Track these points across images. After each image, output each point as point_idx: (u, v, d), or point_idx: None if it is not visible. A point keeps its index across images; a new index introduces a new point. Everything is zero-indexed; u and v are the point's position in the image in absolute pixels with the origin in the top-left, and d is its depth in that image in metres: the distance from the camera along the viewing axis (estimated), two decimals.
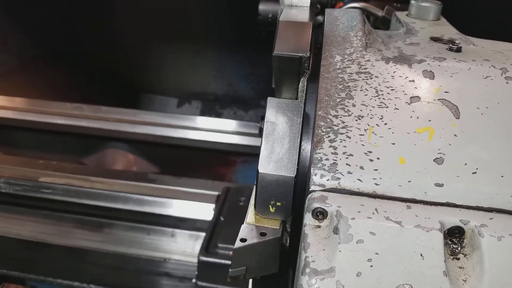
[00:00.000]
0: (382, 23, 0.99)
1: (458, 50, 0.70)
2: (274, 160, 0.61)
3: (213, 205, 1.29)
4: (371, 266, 0.47)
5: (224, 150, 1.66)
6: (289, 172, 0.60)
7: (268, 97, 0.61)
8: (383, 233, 0.49)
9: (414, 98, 0.61)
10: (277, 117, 0.62)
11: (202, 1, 2.31)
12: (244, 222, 0.64)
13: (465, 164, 0.55)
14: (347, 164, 0.55)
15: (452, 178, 0.54)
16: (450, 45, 0.71)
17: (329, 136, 0.57)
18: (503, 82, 0.63)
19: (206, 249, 1.10)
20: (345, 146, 0.56)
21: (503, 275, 0.47)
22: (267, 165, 0.60)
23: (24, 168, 1.37)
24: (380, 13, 1.01)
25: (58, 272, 1.32)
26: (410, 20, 0.85)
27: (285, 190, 0.61)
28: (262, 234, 0.61)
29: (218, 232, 1.16)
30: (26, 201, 1.30)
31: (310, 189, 0.54)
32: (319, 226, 0.52)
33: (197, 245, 1.21)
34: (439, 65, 0.65)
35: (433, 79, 0.63)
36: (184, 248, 1.28)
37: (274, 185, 0.61)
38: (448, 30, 0.82)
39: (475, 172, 0.54)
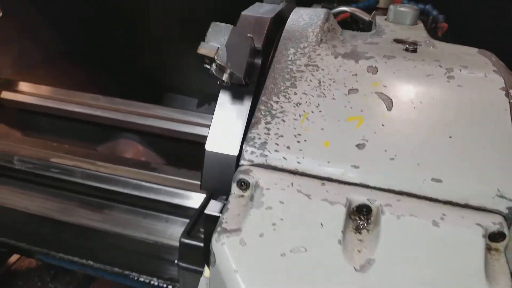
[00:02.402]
0: (368, 27, 1.06)
1: (414, 50, 0.76)
2: (220, 140, 0.69)
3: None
4: (274, 229, 0.55)
5: None
6: (232, 151, 0.68)
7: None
8: (291, 203, 0.56)
9: (353, 90, 0.68)
10: (228, 101, 0.71)
11: (226, 3, 2.44)
12: (202, 275, 0.81)
13: (385, 151, 0.61)
14: (276, 143, 0.63)
15: (369, 162, 0.60)
16: (407, 46, 0.77)
17: (266, 119, 0.65)
18: (444, 80, 0.69)
19: (188, 232, 1.19)
20: (278, 128, 0.64)
21: (392, 249, 0.53)
22: (213, 144, 0.69)
23: (38, 149, 1.52)
24: (367, 18, 1.08)
25: (60, 247, 1.45)
26: (384, 24, 0.92)
27: (227, 168, 0.69)
28: None
29: (202, 219, 1.25)
30: (36, 179, 1.44)
31: (240, 163, 0.63)
32: (242, 196, 0.60)
33: None
34: (385, 62, 0.71)
35: (375, 74, 0.70)
36: (176, 233, 1.38)
37: (219, 163, 0.69)
38: (417, 34, 0.87)
39: (393, 159, 0.60)
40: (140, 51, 2.61)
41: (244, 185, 0.60)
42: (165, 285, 1.46)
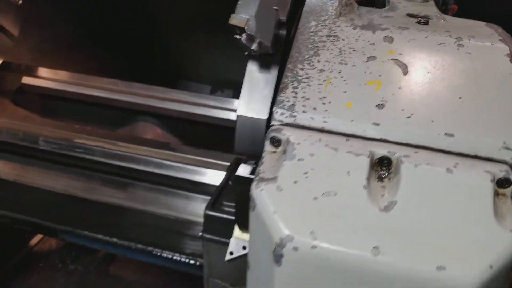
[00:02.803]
0: (381, 5, 1.12)
1: (426, 23, 0.83)
2: (250, 106, 0.77)
3: (224, 173, 1.45)
4: (306, 177, 0.62)
5: None
6: (262, 115, 0.76)
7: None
8: (320, 155, 0.64)
9: (371, 58, 0.75)
10: (257, 70, 0.78)
11: None
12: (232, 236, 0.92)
13: (402, 110, 0.68)
14: (303, 105, 0.70)
15: (388, 120, 0.67)
16: (419, 19, 0.84)
17: (293, 84, 0.73)
18: (454, 48, 0.76)
19: (213, 205, 1.26)
20: (304, 92, 0.72)
21: (412, 192, 0.60)
22: (244, 110, 0.77)
23: (61, 131, 1.60)
24: None
25: (85, 225, 1.53)
26: (397, 1, 0.98)
27: (258, 131, 0.76)
28: (244, 248, 0.89)
29: (225, 193, 1.32)
30: (61, 159, 1.52)
31: (271, 124, 0.70)
32: (274, 152, 0.68)
33: None
34: (400, 33, 0.79)
35: (391, 43, 0.77)
36: (196, 209, 1.46)
37: (250, 126, 0.77)
38: (429, 10, 0.94)
39: (410, 117, 0.67)
40: (151, 38, 2.69)
41: (276, 142, 0.68)
42: (186, 260, 1.53)
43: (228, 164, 1.53)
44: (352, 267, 0.57)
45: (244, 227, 0.91)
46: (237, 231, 0.92)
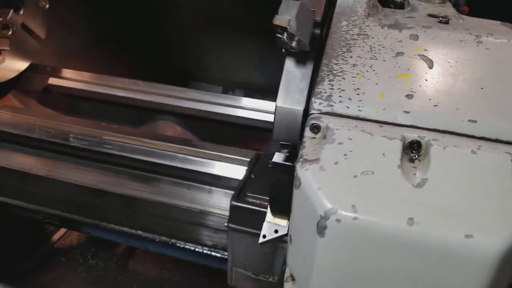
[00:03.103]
0: (399, 7, 1.20)
1: (446, 22, 0.91)
2: (288, 97, 0.85)
3: (245, 168, 1.52)
4: (346, 158, 0.70)
5: (261, 128, 1.90)
6: (300, 106, 0.83)
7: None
8: (358, 139, 0.72)
9: (399, 54, 0.83)
10: (294, 66, 0.86)
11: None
12: (265, 220, 0.99)
13: (430, 100, 0.76)
14: (339, 96, 0.78)
15: (417, 108, 0.75)
16: (440, 19, 0.92)
17: (329, 77, 0.81)
18: (474, 44, 0.84)
19: (238, 196, 1.33)
20: (340, 84, 0.79)
21: (441, 170, 0.68)
22: (283, 101, 0.85)
23: (89, 128, 1.68)
24: None
25: (111, 218, 1.60)
26: (417, 3, 1.06)
27: (295, 120, 0.84)
28: (276, 231, 0.97)
29: (248, 185, 1.39)
30: (90, 154, 1.60)
31: (310, 113, 0.78)
32: (314, 138, 0.76)
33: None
34: (424, 31, 0.87)
35: (417, 40, 0.85)
36: (218, 203, 1.53)
37: (288, 116, 0.85)
38: (447, 11, 1.02)
39: (436, 105, 0.75)
40: (166, 40, 2.78)
41: (315, 128, 0.75)
42: (209, 252, 1.60)
43: (246, 159, 1.61)
44: (389, 236, 0.64)
45: (277, 212, 0.99)
46: (269, 216, 0.99)
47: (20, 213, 1.71)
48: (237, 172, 1.53)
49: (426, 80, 0.78)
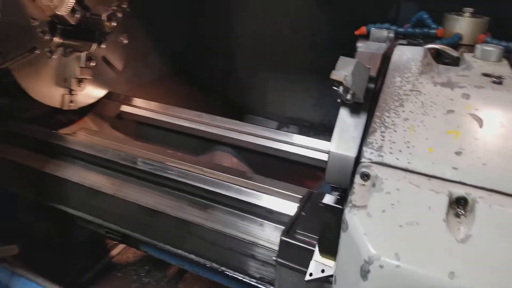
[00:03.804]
0: (455, 62, 1.24)
1: (500, 82, 0.94)
2: (342, 144, 0.90)
3: (297, 204, 1.57)
4: (393, 207, 0.74)
5: (313, 165, 1.95)
6: (352, 153, 0.89)
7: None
8: (405, 190, 0.76)
9: (450, 111, 0.86)
10: (348, 116, 0.92)
11: (309, 36, 2.70)
12: (312, 259, 1.03)
13: (478, 158, 0.79)
14: (390, 147, 0.82)
15: (466, 165, 0.78)
16: (494, 79, 0.95)
17: (381, 129, 0.86)
18: None
19: (288, 232, 1.38)
20: (391, 136, 0.84)
21: (486, 228, 0.70)
22: (336, 148, 0.90)
23: (156, 154, 1.81)
24: (455, 54, 1.26)
25: (167, 239, 1.70)
26: (472, 60, 1.09)
27: (347, 166, 0.90)
28: (322, 271, 1.02)
29: (298, 222, 1.44)
30: (154, 178, 1.72)
31: (361, 161, 0.83)
32: (364, 185, 0.80)
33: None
34: (476, 91, 0.90)
35: (468, 99, 0.88)
36: (269, 236, 1.58)
37: (340, 161, 0.90)
38: (502, 70, 1.04)
39: (485, 164, 0.78)
40: (228, 74, 2.94)
41: (365, 176, 0.80)
42: (256, 284, 1.63)
43: (297, 195, 1.66)
44: (430, 287, 0.67)
45: (325, 252, 1.03)
46: (317, 255, 1.03)
47: (86, 226, 1.86)
48: (289, 207, 1.58)
49: (476, 138, 0.81)
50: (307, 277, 1.03)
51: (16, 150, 1.83)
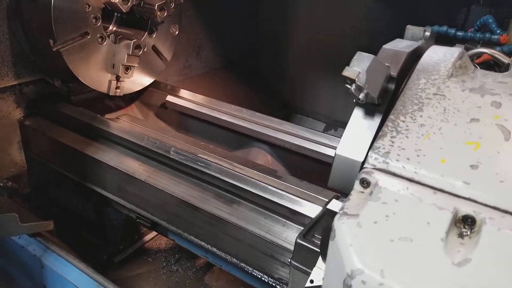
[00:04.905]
0: (505, 69, 1.11)
1: None
2: (350, 148, 0.84)
3: (321, 207, 1.51)
4: (386, 220, 0.67)
5: None
6: (359, 157, 0.82)
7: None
8: (404, 202, 0.68)
9: (474, 120, 0.77)
10: (361, 117, 0.85)
11: (367, 38, 2.59)
12: (315, 266, 0.97)
13: (496, 174, 0.69)
14: (397, 154, 0.75)
15: (480, 181, 0.69)
16: None
17: (392, 134, 0.78)
18: None
19: (305, 235, 1.32)
20: (401, 143, 0.76)
21: (489, 253, 0.61)
22: (343, 150, 0.84)
23: (190, 145, 1.83)
24: (507, 60, 1.14)
25: (193, 230, 1.71)
26: None
27: (353, 170, 0.83)
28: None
29: (318, 226, 1.38)
30: (185, 169, 1.73)
31: (364, 166, 0.76)
32: (362, 192, 0.74)
33: None
34: (510, 100, 0.79)
35: (499, 108, 0.78)
36: (291, 237, 1.53)
37: (345, 165, 0.84)
38: None
39: (503, 182, 0.68)
40: (279, 72, 2.90)
41: (365, 183, 0.74)
42: (274, 284, 1.60)
43: (325, 199, 1.59)
44: None
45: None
46: (320, 261, 0.97)
47: (120, 210, 1.92)
48: (314, 210, 1.53)
49: (497, 152, 0.71)
50: (308, 284, 0.97)
51: (63, 130, 1.92)
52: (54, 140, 1.89)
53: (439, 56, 0.90)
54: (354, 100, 0.84)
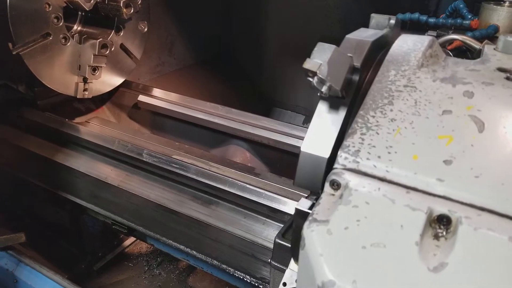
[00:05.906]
0: (477, 56, 1.08)
1: None
2: (315, 144, 0.80)
3: None
4: (358, 224, 0.63)
5: None
6: (324, 154, 0.78)
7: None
8: (376, 204, 0.64)
9: (446, 112, 0.73)
10: (325, 111, 0.81)
11: (342, 29, 2.55)
12: (288, 268, 0.93)
13: (471, 169, 0.65)
14: (368, 152, 0.71)
15: (454, 177, 0.65)
16: (509, 75, 0.80)
17: (362, 130, 0.74)
18: None
19: (283, 234, 1.29)
20: (371, 140, 0.72)
21: (466, 256, 0.58)
22: (308, 146, 0.80)
23: (163, 146, 1.77)
24: (478, 46, 1.11)
25: (170, 234, 1.66)
26: (492, 53, 0.94)
27: (319, 168, 0.79)
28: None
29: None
30: (159, 171, 1.68)
31: (334, 167, 0.72)
32: (333, 195, 0.70)
33: None
34: (482, 88, 0.76)
35: (471, 98, 0.74)
36: (271, 236, 1.50)
37: (311, 163, 0.80)
38: None
39: (478, 177, 0.65)
40: (257, 66, 2.85)
41: (335, 185, 0.69)
42: (256, 284, 1.56)
43: (305, 194, 1.56)
44: None
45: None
46: (292, 263, 0.93)
47: (95, 217, 1.85)
48: (294, 207, 1.49)
49: (471, 145, 0.68)
50: (280, 287, 0.94)
51: (30, 138, 1.85)
52: (21, 148, 1.82)
53: (409, 46, 0.86)
54: (318, 94, 0.79)
